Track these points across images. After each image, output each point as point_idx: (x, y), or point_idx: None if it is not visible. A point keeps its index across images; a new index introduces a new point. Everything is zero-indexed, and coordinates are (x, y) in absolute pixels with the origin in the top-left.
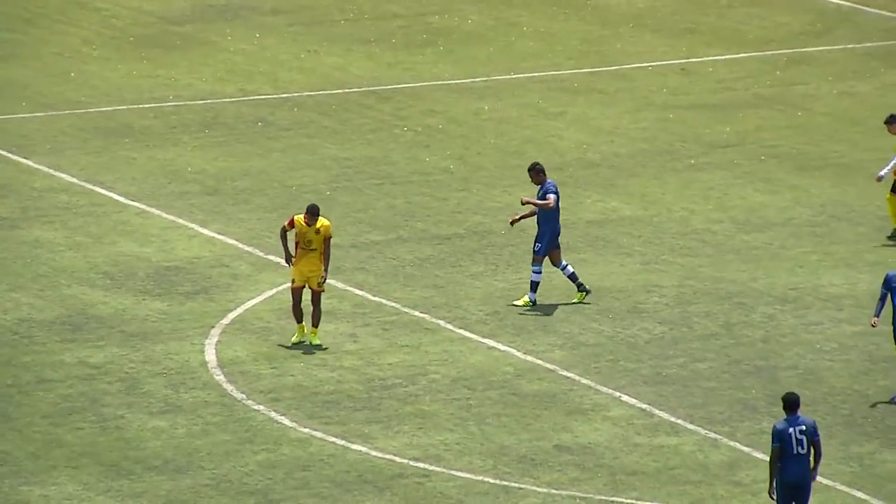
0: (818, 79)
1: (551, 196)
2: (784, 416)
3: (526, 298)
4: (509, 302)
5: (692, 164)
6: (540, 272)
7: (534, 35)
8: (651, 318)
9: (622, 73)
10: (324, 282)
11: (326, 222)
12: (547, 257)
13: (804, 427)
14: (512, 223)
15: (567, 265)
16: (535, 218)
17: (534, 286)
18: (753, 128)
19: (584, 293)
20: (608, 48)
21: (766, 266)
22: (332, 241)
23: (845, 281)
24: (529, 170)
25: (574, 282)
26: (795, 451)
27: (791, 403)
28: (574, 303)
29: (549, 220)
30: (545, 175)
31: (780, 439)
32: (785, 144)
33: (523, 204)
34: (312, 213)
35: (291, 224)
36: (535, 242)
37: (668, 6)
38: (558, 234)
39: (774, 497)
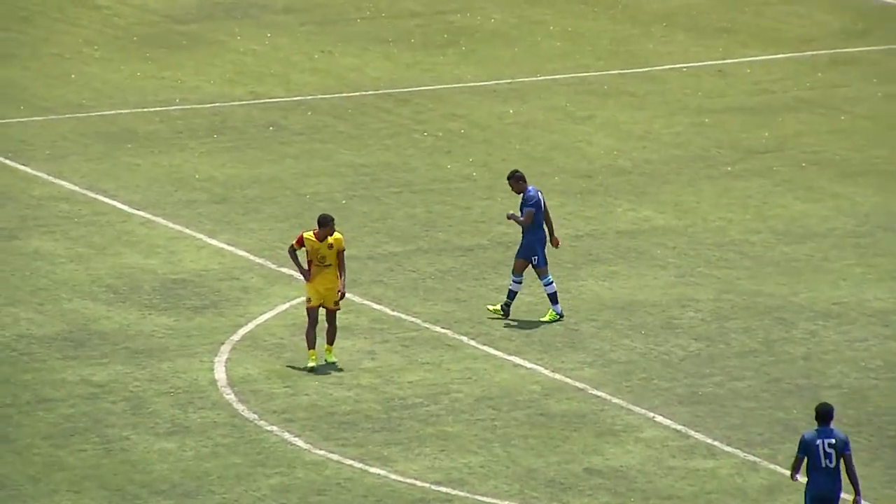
0: (861, 80)
1: (528, 211)
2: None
3: (552, 312)
4: (537, 317)
5: (729, 170)
6: (551, 282)
7: (560, 34)
8: (686, 334)
9: (654, 75)
10: (342, 298)
11: (339, 235)
12: (516, 264)
13: (834, 441)
14: (510, 217)
15: (520, 282)
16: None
17: (553, 298)
18: (793, 132)
19: (504, 313)
20: (639, 48)
21: (808, 279)
22: (347, 253)
23: (891, 295)
24: (508, 178)
25: (508, 298)
26: (823, 465)
27: (823, 414)
28: (491, 310)
29: (532, 230)
30: (525, 182)
31: (805, 450)
32: (827, 150)
33: (508, 218)
34: (325, 223)
35: (300, 243)
36: (530, 257)
37: (703, 4)
38: (544, 243)
39: (798, 478)
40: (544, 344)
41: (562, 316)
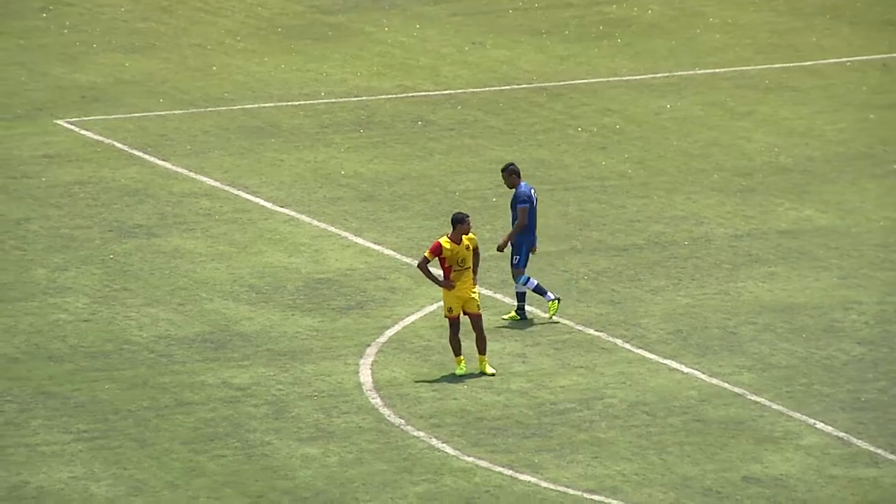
0: None
1: (522, 208)
2: None
3: (553, 304)
4: (694, 319)
5: (894, 169)
6: (529, 278)
7: (720, 27)
8: (849, 338)
9: (817, 70)
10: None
11: (473, 235)
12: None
13: None
14: (499, 249)
15: (528, 277)
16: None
17: (540, 290)
18: None
19: (556, 302)
20: (802, 41)
21: None
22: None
23: None
24: (503, 170)
25: (542, 293)
26: None
27: None
28: (551, 317)
29: (523, 231)
30: (519, 177)
31: None
32: None
33: (500, 250)
34: (461, 220)
35: (438, 251)
36: (513, 255)
37: None
38: (532, 246)
39: None
40: (701, 347)
41: (559, 299)
